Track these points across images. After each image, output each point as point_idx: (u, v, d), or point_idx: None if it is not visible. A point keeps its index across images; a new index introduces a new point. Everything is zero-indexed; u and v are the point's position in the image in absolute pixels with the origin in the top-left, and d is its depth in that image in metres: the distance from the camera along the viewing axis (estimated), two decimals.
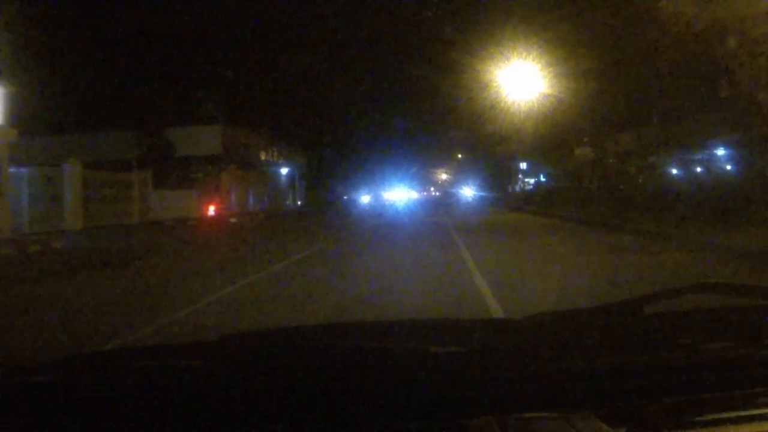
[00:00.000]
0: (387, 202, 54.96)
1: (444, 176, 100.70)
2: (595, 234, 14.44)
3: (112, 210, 23.71)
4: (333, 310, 5.57)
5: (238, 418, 1.02)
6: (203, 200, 26.46)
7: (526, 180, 51.89)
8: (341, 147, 51.87)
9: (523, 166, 38.77)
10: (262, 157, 32.72)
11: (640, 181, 25.28)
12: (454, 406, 1.03)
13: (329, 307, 5.75)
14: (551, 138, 27.47)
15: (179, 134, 27.68)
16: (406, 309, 5.54)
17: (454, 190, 74.10)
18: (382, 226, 20.24)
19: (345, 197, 56.92)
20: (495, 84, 25.37)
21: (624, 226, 14.51)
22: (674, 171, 23.65)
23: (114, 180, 24.15)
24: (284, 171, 40.78)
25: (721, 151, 20.92)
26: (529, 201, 28.64)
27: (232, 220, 25.61)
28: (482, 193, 57.51)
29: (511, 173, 34.28)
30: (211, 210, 25.73)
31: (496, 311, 5.26)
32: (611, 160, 26.80)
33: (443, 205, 46.35)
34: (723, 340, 1.31)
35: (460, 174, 71.55)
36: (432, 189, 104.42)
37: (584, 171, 32.77)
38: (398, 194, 68.42)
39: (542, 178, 43.17)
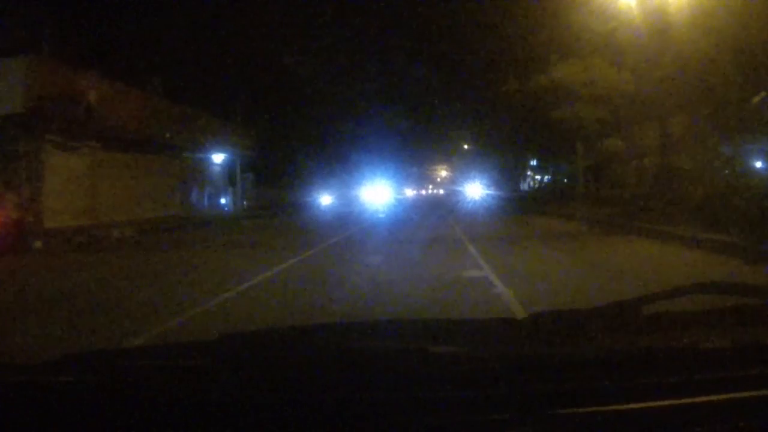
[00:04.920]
0: (366, 205, 40.61)
1: (444, 173, 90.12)
2: None
3: None
4: None
5: (237, 418, 1.01)
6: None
7: (535, 177, 44.59)
8: (308, 131, 38.64)
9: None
10: (145, 129, 18.75)
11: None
12: (454, 406, 1.02)
13: None
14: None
15: None
16: None
17: (459, 188, 64.36)
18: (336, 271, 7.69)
19: (320, 197, 43.32)
20: None
21: None
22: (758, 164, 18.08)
23: None
24: (218, 159, 27.72)
25: None
26: (613, 209, 16.02)
27: (36, 244, 12.74)
28: (490, 192, 48.77)
29: (577, 152, 21.72)
30: None
31: None
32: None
33: (451, 210, 30.09)
34: (722, 341, 1.28)
35: (464, 169, 62.06)
36: (430, 187, 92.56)
37: (616, 167, 24.34)
38: (385, 193, 53.04)
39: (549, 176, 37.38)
